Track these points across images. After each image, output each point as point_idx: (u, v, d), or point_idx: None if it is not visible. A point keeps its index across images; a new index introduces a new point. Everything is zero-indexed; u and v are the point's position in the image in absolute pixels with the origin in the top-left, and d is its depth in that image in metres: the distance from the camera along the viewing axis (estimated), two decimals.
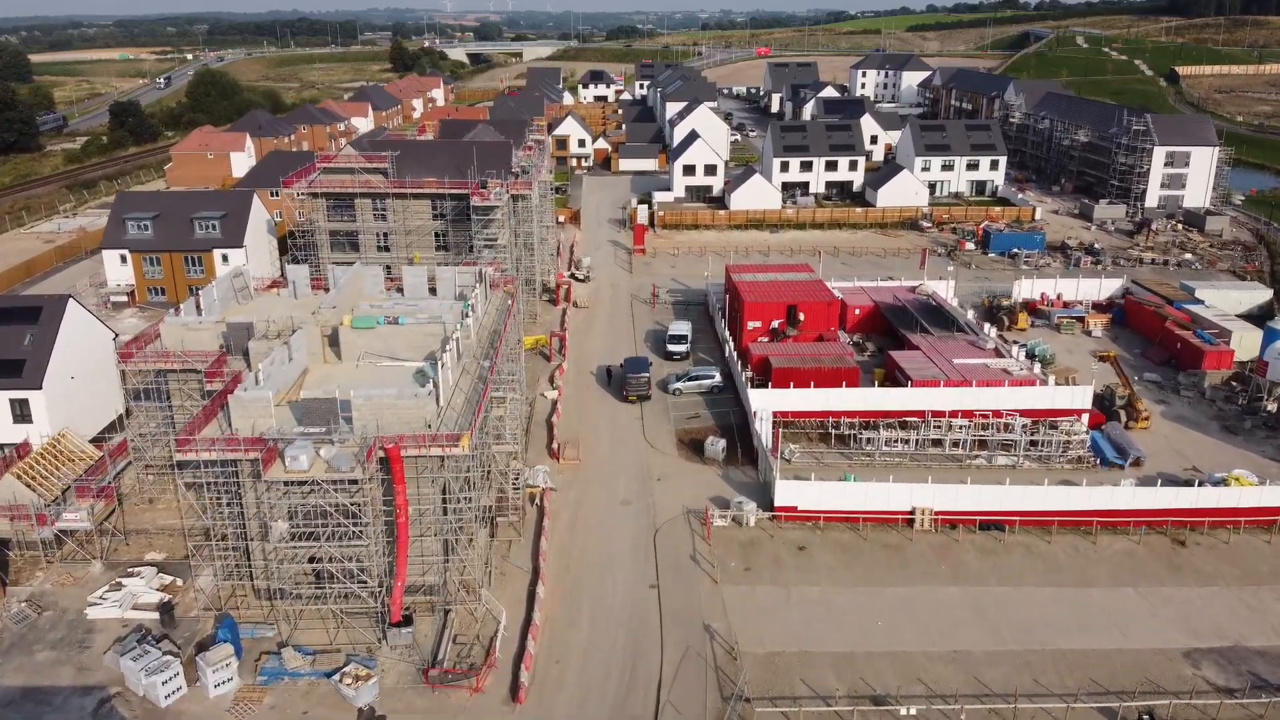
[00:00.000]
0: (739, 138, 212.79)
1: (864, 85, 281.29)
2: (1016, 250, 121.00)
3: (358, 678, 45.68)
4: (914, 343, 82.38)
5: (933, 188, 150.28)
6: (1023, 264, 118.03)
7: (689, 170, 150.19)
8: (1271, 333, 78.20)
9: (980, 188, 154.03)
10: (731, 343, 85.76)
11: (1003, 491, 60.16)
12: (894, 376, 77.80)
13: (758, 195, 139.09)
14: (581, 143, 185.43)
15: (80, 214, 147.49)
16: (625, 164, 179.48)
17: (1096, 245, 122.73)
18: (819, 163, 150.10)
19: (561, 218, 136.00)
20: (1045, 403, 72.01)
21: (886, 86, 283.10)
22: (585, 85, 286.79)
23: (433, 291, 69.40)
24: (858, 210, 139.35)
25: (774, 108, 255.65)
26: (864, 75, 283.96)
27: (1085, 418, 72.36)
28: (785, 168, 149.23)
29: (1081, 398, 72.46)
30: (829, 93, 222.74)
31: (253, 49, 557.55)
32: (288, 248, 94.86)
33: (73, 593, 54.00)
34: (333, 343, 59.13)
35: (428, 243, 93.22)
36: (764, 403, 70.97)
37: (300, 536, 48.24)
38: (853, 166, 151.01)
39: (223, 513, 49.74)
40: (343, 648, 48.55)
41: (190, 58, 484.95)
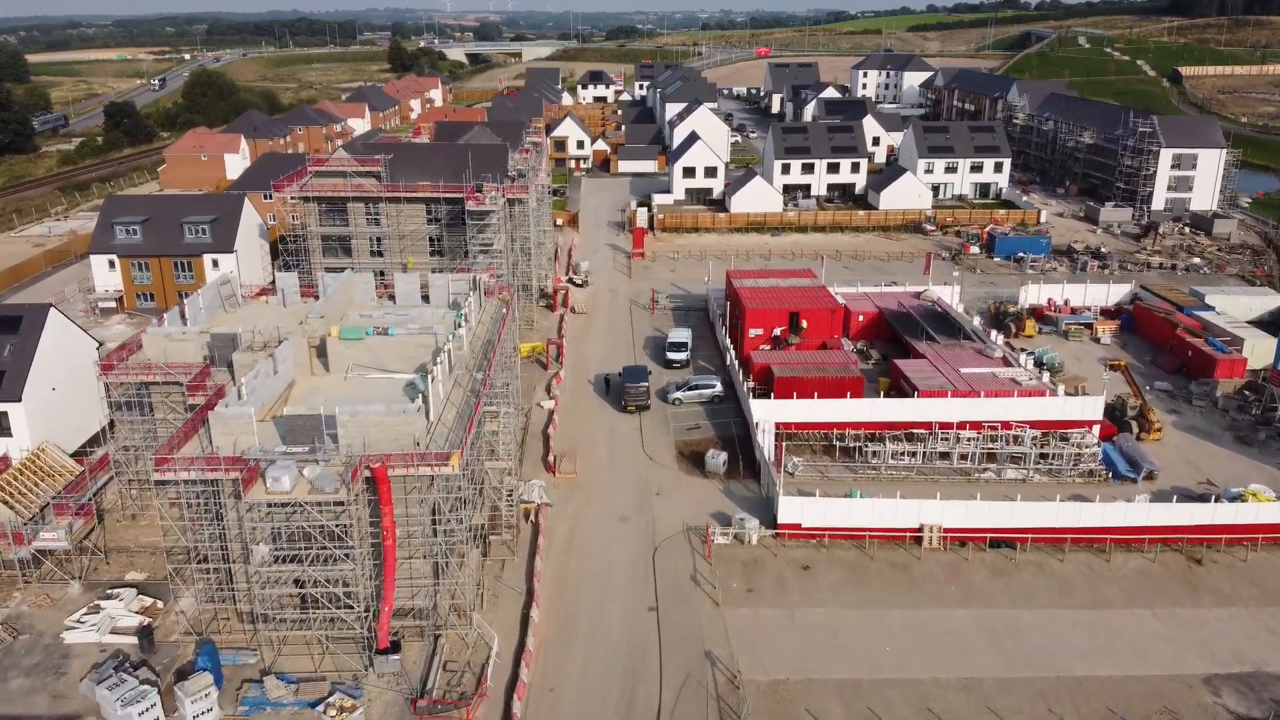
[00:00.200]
0: (739, 139, 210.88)
1: (865, 86, 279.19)
2: (1022, 254, 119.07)
3: (343, 709, 43.70)
4: (920, 351, 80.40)
5: (936, 190, 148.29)
6: (1028, 268, 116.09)
7: (689, 172, 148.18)
8: None
9: (984, 190, 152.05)
10: (733, 351, 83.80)
11: (1013, 508, 58.21)
12: (899, 386, 75.86)
13: (759, 198, 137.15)
14: (580, 144, 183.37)
15: (72, 217, 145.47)
16: (624, 166, 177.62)
17: (1103, 249, 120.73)
18: (820, 165, 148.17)
19: (560, 220, 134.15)
20: (1055, 414, 69.99)
21: (888, 87, 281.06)
22: (584, 86, 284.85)
23: (426, 299, 67.63)
24: (860, 213, 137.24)
25: (775, 108, 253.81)
26: (865, 76, 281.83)
27: (1096, 429, 70.46)
28: (786, 170, 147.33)
29: (1093, 409, 70.47)
30: (830, 93, 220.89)
31: (251, 49, 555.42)
32: (280, 252, 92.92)
33: (50, 615, 51.98)
34: (320, 354, 57.21)
35: (422, 248, 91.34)
36: (766, 413, 68.85)
37: (284, 559, 46.27)
38: (855, 169, 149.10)
39: (203, 534, 47.76)
40: (328, 675, 46.52)
41: (187, 58, 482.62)
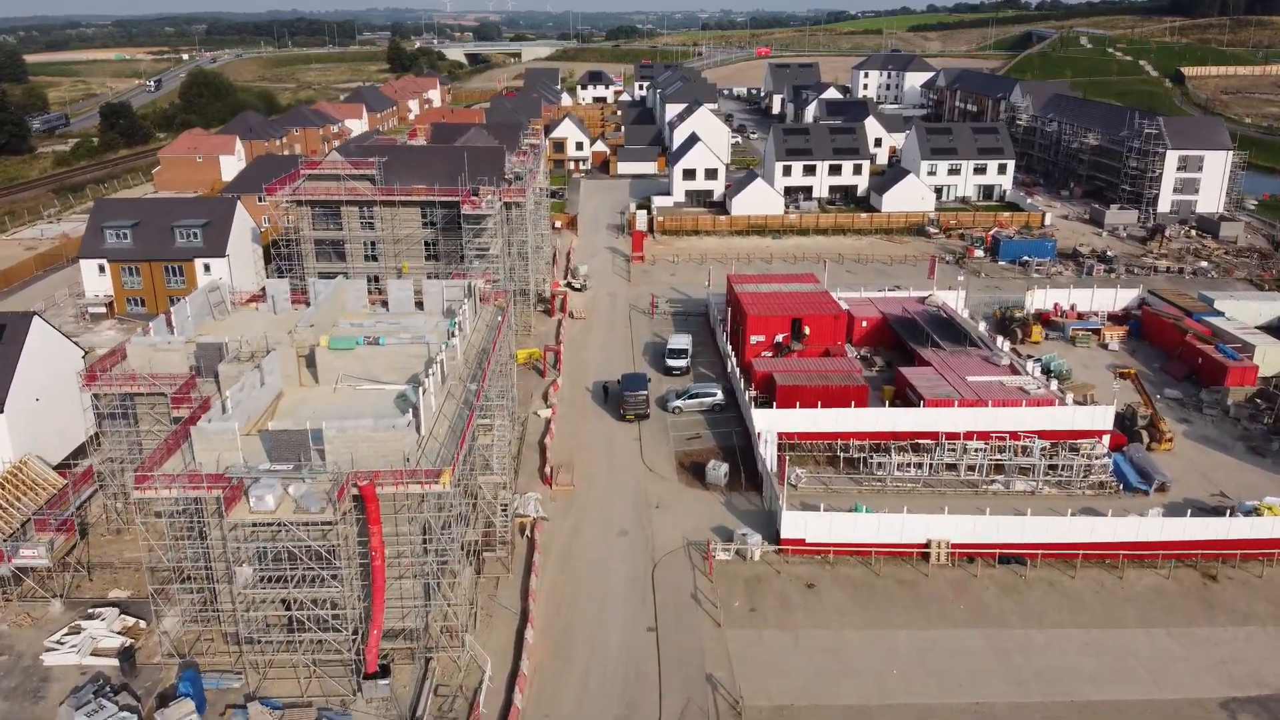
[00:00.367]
0: (740, 140, 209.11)
1: (866, 86, 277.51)
2: (1027, 258, 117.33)
3: None
4: (925, 358, 78.70)
5: (939, 192, 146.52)
6: (1034, 272, 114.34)
7: (689, 174, 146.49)
8: None
9: (988, 192, 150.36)
10: (734, 358, 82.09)
11: (1024, 523, 56.48)
12: (904, 394, 74.18)
13: (759, 200, 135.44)
14: (579, 145, 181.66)
15: (65, 219, 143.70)
16: (624, 167, 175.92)
17: (1109, 252, 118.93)
18: (822, 166, 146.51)
19: (558, 223, 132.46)
20: (1064, 423, 68.33)
21: (889, 88, 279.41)
22: (584, 86, 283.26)
23: (419, 305, 65.94)
24: (862, 215, 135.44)
25: (775, 109, 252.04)
26: (866, 76, 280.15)
27: (1106, 439, 68.77)
28: (788, 172, 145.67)
29: (1103, 418, 68.76)
30: (831, 94, 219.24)
31: (249, 49, 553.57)
32: (273, 256, 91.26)
33: (30, 635, 50.26)
34: (310, 364, 55.48)
35: (417, 252, 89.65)
36: (768, 423, 67.17)
37: (269, 580, 44.58)
38: (857, 170, 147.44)
39: (186, 553, 46.06)
40: (314, 701, 44.77)
41: (185, 58, 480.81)
